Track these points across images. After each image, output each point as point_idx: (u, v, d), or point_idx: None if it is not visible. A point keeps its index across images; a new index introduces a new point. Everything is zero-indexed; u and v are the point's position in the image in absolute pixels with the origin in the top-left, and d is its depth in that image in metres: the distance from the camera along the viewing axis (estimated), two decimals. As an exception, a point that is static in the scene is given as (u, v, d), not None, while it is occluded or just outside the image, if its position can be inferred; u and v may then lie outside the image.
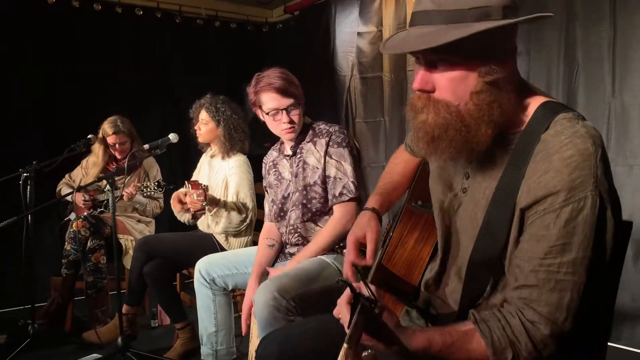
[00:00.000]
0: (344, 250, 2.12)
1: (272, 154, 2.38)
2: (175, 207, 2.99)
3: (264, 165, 2.41)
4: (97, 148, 3.56)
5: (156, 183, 3.12)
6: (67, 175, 3.72)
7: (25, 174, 2.99)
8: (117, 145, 3.53)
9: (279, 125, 2.14)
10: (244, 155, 3.04)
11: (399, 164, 1.57)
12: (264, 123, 2.24)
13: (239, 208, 2.86)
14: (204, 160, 3.25)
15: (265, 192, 2.39)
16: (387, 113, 4.41)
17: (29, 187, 3.00)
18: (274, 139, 2.41)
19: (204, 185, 2.67)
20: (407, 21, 4.13)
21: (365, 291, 0.98)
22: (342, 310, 1.01)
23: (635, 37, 2.89)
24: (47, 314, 3.31)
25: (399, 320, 1.02)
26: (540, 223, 1.00)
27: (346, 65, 4.66)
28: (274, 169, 2.32)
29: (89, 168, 3.64)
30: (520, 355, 1.00)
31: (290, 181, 2.23)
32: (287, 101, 2.11)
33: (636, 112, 2.92)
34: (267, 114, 2.13)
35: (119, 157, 3.57)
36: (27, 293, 3.11)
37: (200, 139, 3.10)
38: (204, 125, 3.03)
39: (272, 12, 5.62)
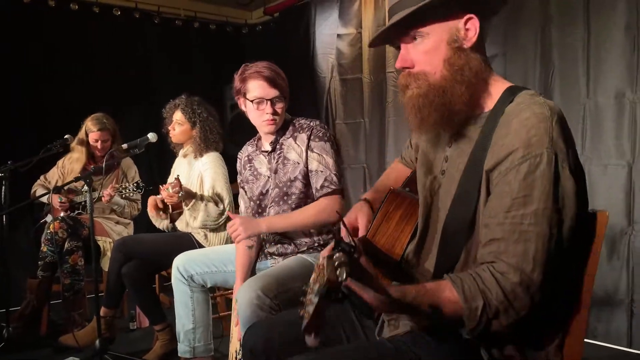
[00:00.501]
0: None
1: (247, 149, 2.36)
2: (151, 212, 2.96)
3: (238, 160, 2.38)
4: (78, 146, 3.50)
5: (135, 184, 3.09)
6: (42, 177, 3.65)
7: (-1, 175, 2.94)
8: (99, 143, 3.48)
9: (261, 116, 2.12)
10: (217, 152, 3.05)
11: (392, 173, 1.66)
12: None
13: (216, 201, 2.86)
14: (178, 161, 3.23)
15: (241, 189, 2.36)
16: (366, 114, 4.43)
17: (3, 187, 2.95)
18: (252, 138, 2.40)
19: (177, 176, 2.67)
20: (386, 22, 4.17)
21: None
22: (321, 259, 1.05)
23: (608, 39, 2.96)
24: (22, 317, 3.24)
25: (377, 273, 1.07)
26: (503, 181, 1.08)
27: (326, 66, 4.68)
28: (249, 165, 2.30)
29: (65, 167, 3.58)
30: (491, 303, 1.04)
31: (268, 177, 2.21)
32: (274, 92, 2.10)
33: (609, 112, 2.98)
34: (252, 101, 2.11)
35: (98, 154, 3.52)
36: (2, 296, 3.05)
37: (174, 140, 3.09)
38: (179, 126, 3.03)
39: (252, 13, 5.61)
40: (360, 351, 1.19)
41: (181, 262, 2.42)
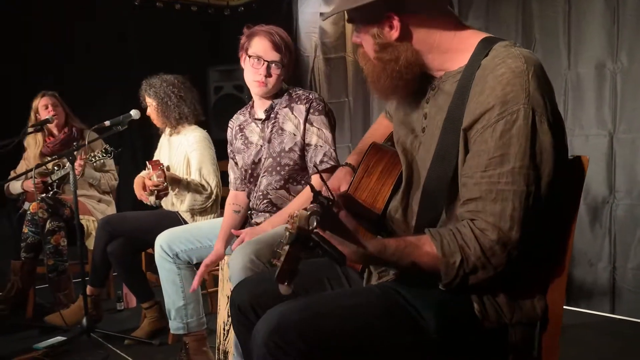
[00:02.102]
0: None
1: (238, 118, 2.34)
2: (138, 191, 2.93)
3: (229, 130, 2.36)
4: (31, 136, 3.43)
5: (103, 150, 2.98)
6: (12, 173, 3.55)
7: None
8: (50, 108, 3.39)
9: (254, 74, 2.10)
10: (204, 130, 3.02)
11: (379, 128, 1.65)
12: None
13: (203, 185, 2.83)
14: (163, 140, 3.19)
15: (231, 159, 2.35)
16: (351, 93, 4.42)
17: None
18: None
19: (163, 165, 2.64)
20: None
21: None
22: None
23: (589, 10, 2.98)
24: (7, 299, 3.22)
25: (357, 226, 1.06)
26: (480, 140, 1.07)
27: (309, 46, 4.65)
28: (240, 134, 2.28)
29: (27, 155, 3.50)
30: (469, 260, 1.05)
31: (262, 146, 2.19)
32: (274, 55, 2.08)
33: (590, 83, 3.02)
34: (250, 57, 2.10)
35: (56, 128, 3.44)
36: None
37: (156, 123, 3.06)
38: (149, 107, 3.01)
39: (234, -6, 5.54)
40: (348, 295, 1.20)
41: (164, 240, 2.39)
